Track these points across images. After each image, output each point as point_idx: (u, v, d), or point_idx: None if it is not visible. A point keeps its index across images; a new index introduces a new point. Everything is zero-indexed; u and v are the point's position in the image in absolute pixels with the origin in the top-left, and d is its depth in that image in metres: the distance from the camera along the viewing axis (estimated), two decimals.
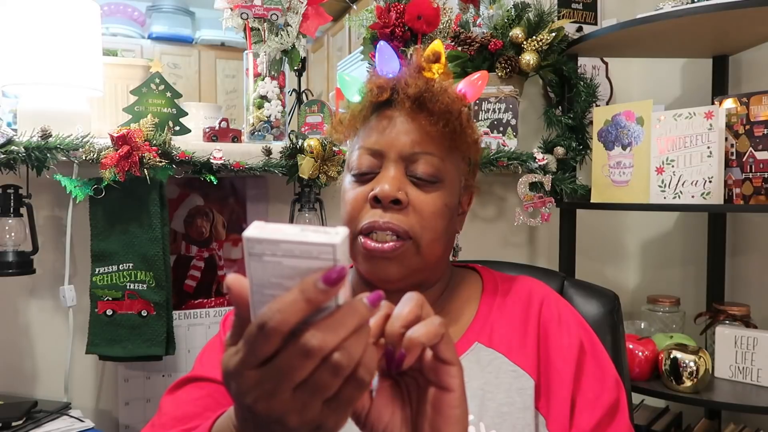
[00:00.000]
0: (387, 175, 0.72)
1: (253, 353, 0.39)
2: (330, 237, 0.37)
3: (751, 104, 1.29)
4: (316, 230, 0.38)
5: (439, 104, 0.72)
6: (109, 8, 3.64)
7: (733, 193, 1.32)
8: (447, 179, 0.74)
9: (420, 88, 0.73)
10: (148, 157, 1.14)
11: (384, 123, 0.75)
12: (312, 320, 0.38)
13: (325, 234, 0.37)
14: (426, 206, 0.72)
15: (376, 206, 0.72)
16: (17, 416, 1.09)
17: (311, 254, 0.37)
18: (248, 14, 1.32)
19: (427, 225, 0.72)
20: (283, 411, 0.40)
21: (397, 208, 0.71)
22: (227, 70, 4.09)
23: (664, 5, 1.40)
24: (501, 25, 1.56)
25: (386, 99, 0.75)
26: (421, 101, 0.73)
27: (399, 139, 0.73)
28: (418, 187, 0.73)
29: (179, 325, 1.34)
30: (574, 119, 1.61)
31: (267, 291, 0.39)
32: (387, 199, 0.70)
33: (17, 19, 1.15)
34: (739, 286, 1.70)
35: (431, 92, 0.73)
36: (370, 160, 0.74)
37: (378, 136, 0.74)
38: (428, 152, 0.73)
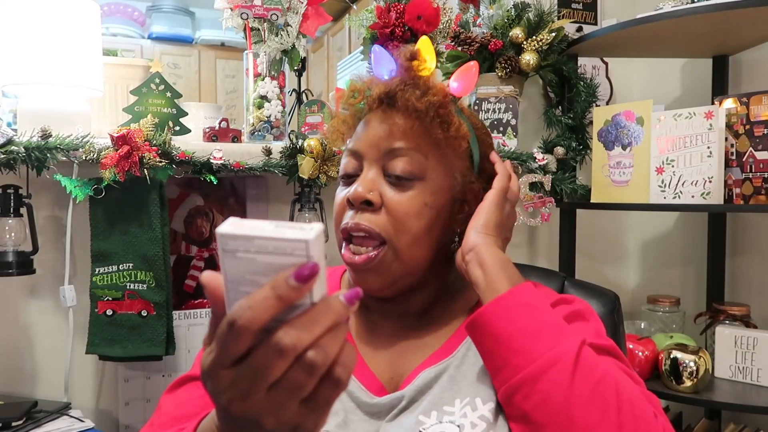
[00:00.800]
0: (363, 177, 0.73)
1: (226, 352, 0.38)
2: (304, 233, 0.36)
3: (751, 104, 1.29)
4: (291, 226, 0.37)
5: (411, 99, 0.72)
6: (109, 8, 3.64)
7: (733, 193, 1.32)
8: (430, 177, 0.73)
9: (389, 87, 0.73)
10: (148, 157, 1.14)
11: (363, 126, 0.76)
12: (286, 318, 0.38)
13: (300, 230, 0.37)
14: (400, 206, 0.71)
15: (351, 208, 0.72)
16: (17, 416, 1.09)
17: (285, 250, 0.37)
18: (248, 14, 1.32)
19: (402, 227, 0.71)
20: (259, 411, 0.39)
21: (370, 210, 0.71)
22: (227, 70, 4.08)
23: (664, 5, 1.40)
24: (501, 25, 1.56)
25: (359, 102, 0.76)
26: (392, 99, 0.73)
27: (375, 139, 0.74)
28: (395, 186, 0.72)
29: (179, 325, 1.34)
30: (574, 119, 1.61)
31: (242, 288, 0.38)
32: (357, 201, 0.71)
33: (17, 19, 1.15)
34: (739, 286, 1.70)
35: (402, 89, 0.72)
36: (353, 162, 0.75)
37: (357, 138, 0.76)
38: (404, 148, 0.72)
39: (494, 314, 0.65)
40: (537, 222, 1.54)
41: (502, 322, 0.64)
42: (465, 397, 0.67)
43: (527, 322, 0.63)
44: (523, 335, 0.62)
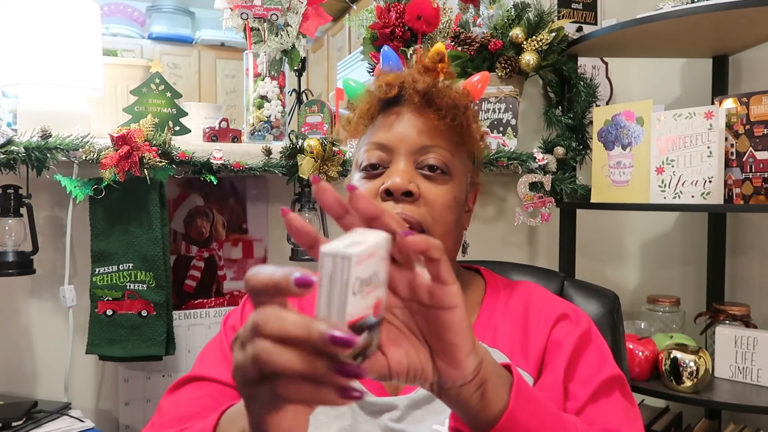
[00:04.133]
0: (397, 169, 0.73)
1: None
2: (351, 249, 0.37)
3: (751, 104, 1.29)
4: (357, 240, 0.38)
5: (446, 99, 0.74)
6: (109, 8, 3.64)
7: (733, 193, 1.32)
8: (456, 174, 0.75)
9: (428, 83, 0.75)
10: (148, 157, 1.14)
11: (392, 119, 0.76)
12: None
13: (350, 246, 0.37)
14: (437, 198, 0.73)
15: (388, 199, 0.72)
16: (17, 416, 1.09)
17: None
18: (248, 14, 1.32)
19: (438, 217, 0.73)
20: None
21: (409, 200, 0.71)
22: (227, 70, 4.09)
23: (664, 5, 1.40)
24: (501, 25, 1.56)
25: (394, 95, 0.76)
26: (429, 96, 0.74)
27: (408, 133, 0.74)
28: (429, 180, 0.74)
29: (179, 325, 1.34)
30: (574, 119, 1.61)
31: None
32: (399, 191, 0.71)
33: (17, 19, 1.15)
34: (739, 286, 1.70)
35: (438, 88, 0.75)
36: (380, 155, 0.75)
37: (386, 131, 0.75)
38: (437, 146, 0.74)
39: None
40: (537, 222, 1.54)
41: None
42: None
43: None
44: None
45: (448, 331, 0.45)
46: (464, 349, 0.46)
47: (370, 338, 0.40)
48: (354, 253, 0.36)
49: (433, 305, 0.44)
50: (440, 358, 0.46)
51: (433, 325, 0.45)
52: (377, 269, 0.39)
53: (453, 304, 0.44)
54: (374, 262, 0.38)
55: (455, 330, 0.45)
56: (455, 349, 0.45)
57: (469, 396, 0.49)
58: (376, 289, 0.39)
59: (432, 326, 0.45)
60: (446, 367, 0.46)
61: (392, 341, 0.45)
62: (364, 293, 0.37)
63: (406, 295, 0.46)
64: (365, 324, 0.38)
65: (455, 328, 0.45)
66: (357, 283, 0.36)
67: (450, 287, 0.44)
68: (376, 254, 0.38)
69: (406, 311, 0.46)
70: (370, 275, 0.38)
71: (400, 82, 0.76)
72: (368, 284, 0.38)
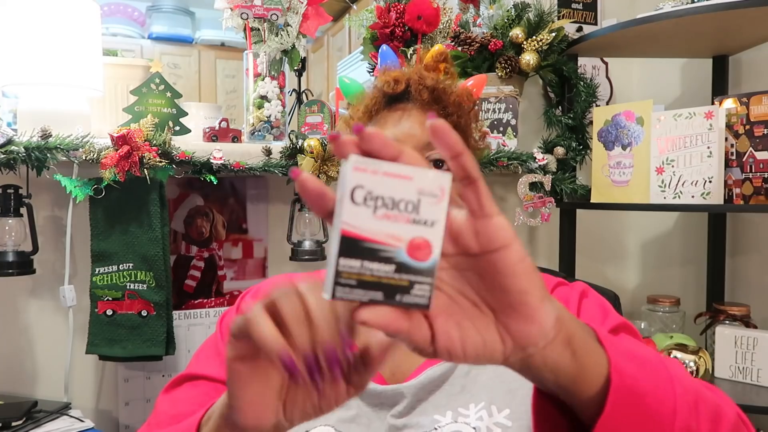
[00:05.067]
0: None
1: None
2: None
3: (751, 104, 1.29)
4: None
5: (453, 97, 0.74)
6: (109, 8, 3.64)
7: (733, 193, 1.32)
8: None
9: (436, 80, 0.75)
10: (148, 157, 1.14)
11: (398, 114, 0.75)
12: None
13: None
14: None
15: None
16: (17, 416, 1.09)
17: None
18: (248, 14, 1.32)
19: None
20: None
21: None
22: (227, 70, 4.09)
23: (664, 5, 1.40)
24: (501, 25, 1.56)
25: (401, 92, 0.75)
26: (437, 93, 0.74)
27: (416, 129, 0.73)
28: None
29: (179, 325, 1.34)
30: (574, 119, 1.61)
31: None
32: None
33: (17, 19, 1.15)
34: (739, 286, 1.70)
35: (444, 86, 0.75)
36: None
37: (393, 126, 0.75)
38: None
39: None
40: (537, 222, 1.54)
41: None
42: (480, 401, 0.67)
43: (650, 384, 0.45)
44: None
45: (507, 276, 0.37)
46: (534, 294, 0.37)
47: (405, 282, 0.35)
48: (355, 158, 0.34)
49: (482, 250, 0.37)
50: (508, 316, 0.38)
51: (488, 276, 0.37)
52: (413, 199, 0.35)
53: (505, 241, 0.37)
54: (406, 188, 0.34)
55: (516, 272, 0.37)
56: (523, 297, 0.37)
57: (558, 358, 0.40)
58: (413, 224, 0.35)
59: (487, 278, 0.37)
60: (519, 325, 0.37)
61: (440, 311, 0.38)
62: (384, 215, 0.34)
63: (450, 250, 0.38)
64: (385, 254, 0.35)
65: (515, 270, 0.37)
66: (362, 194, 0.34)
67: (496, 219, 0.37)
68: (411, 179, 0.34)
69: (454, 272, 0.39)
70: (397, 199, 0.34)
71: (407, 78, 0.76)
72: (393, 207, 0.34)
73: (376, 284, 0.35)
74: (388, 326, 0.36)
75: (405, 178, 0.34)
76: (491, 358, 0.38)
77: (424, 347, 0.37)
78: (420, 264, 0.35)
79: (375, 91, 0.78)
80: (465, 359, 0.38)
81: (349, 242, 0.34)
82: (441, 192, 0.35)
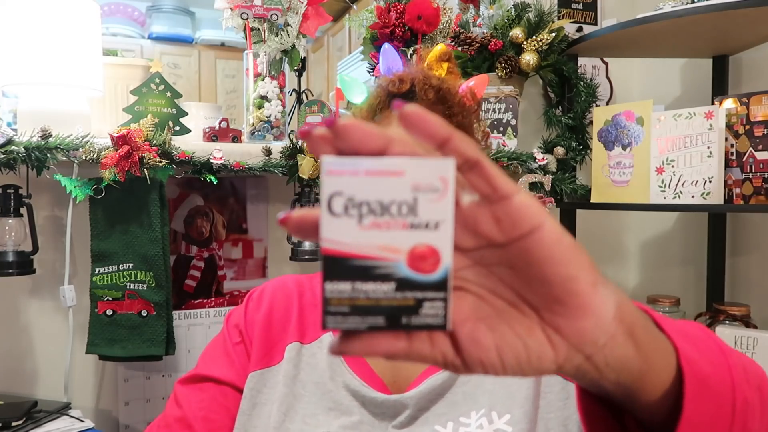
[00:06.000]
0: None
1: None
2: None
3: (751, 104, 1.29)
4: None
5: (458, 97, 0.74)
6: (109, 8, 3.64)
7: (733, 193, 1.32)
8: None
9: (441, 80, 0.74)
10: (148, 157, 1.14)
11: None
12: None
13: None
14: None
15: None
16: (17, 416, 1.09)
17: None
18: (248, 14, 1.32)
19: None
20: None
21: None
22: (227, 70, 4.09)
23: (664, 5, 1.40)
24: (501, 25, 1.56)
25: (406, 91, 0.75)
26: (443, 93, 0.74)
27: None
28: None
29: (179, 325, 1.34)
30: (574, 119, 1.61)
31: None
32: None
33: (17, 19, 1.15)
34: (739, 286, 1.70)
35: (449, 86, 0.75)
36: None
37: (397, 127, 0.73)
38: None
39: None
40: None
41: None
42: (480, 408, 0.66)
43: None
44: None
45: (546, 264, 0.30)
46: (584, 279, 0.30)
47: (411, 301, 0.29)
48: (327, 159, 0.28)
49: (508, 238, 0.30)
50: (555, 312, 0.31)
51: (521, 267, 0.30)
52: (408, 199, 0.28)
53: (534, 221, 0.29)
54: (397, 186, 0.28)
55: (555, 256, 0.30)
56: (570, 285, 0.30)
57: (623, 354, 0.33)
58: (411, 230, 0.29)
59: (521, 270, 0.31)
60: (570, 322, 0.30)
61: (466, 315, 0.31)
62: (372, 223, 0.28)
63: (469, 243, 0.31)
64: (381, 270, 0.29)
65: (553, 254, 0.30)
66: (341, 203, 0.28)
67: (517, 198, 0.30)
68: (402, 174, 0.28)
69: (480, 269, 0.32)
70: (387, 201, 0.28)
71: (412, 77, 0.75)
72: (383, 213, 0.28)
73: (374, 308, 0.29)
74: (373, 350, 0.29)
75: (394, 174, 0.28)
76: (539, 366, 0.31)
77: (447, 362, 0.31)
78: (427, 277, 0.29)
79: (379, 90, 0.77)
80: (505, 371, 0.31)
81: (333, 262, 0.28)
82: (443, 184, 0.28)
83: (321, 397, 0.70)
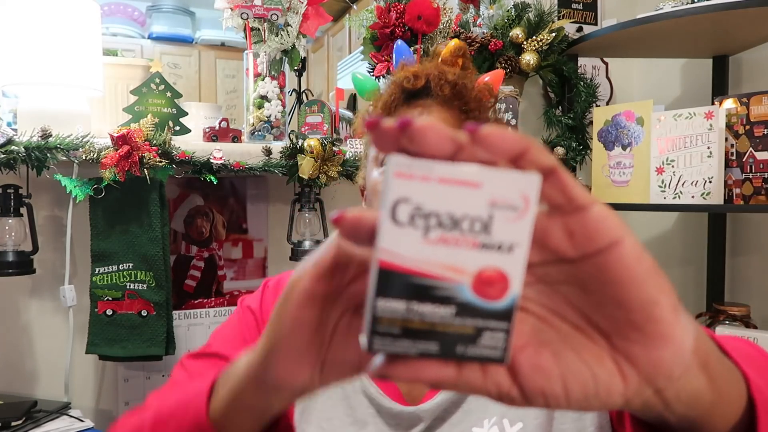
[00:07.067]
0: None
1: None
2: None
3: (751, 104, 1.29)
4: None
5: (474, 92, 0.72)
6: (109, 8, 3.65)
7: (733, 193, 1.32)
8: None
9: (457, 75, 0.73)
10: (148, 157, 1.14)
11: (417, 111, 0.73)
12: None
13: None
14: None
15: None
16: (17, 416, 1.09)
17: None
18: (248, 14, 1.32)
19: None
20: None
21: None
22: (227, 70, 4.09)
23: (664, 5, 1.40)
24: (501, 25, 1.56)
25: (421, 87, 0.73)
26: (458, 89, 0.72)
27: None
28: None
29: (179, 325, 1.34)
30: (574, 119, 1.61)
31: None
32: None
33: (17, 19, 1.15)
34: (739, 287, 1.70)
35: (464, 81, 0.73)
36: None
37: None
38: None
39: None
40: None
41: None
42: (492, 416, 0.65)
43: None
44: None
45: (624, 284, 0.26)
46: (665, 304, 0.27)
47: (470, 330, 0.26)
48: (397, 160, 0.25)
49: (581, 253, 0.27)
50: (630, 339, 0.27)
51: (594, 287, 0.27)
52: (482, 215, 0.25)
53: (613, 235, 0.26)
54: (472, 199, 0.25)
55: (635, 276, 0.26)
56: (650, 310, 0.26)
57: (696, 387, 0.30)
58: (482, 250, 0.25)
59: (594, 290, 0.27)
60: (647, 351, 0.27)
61: (527, 340, 0.28)
62: (440, 238, 0.25)
63: (534, 258, 0.27)
64: (441, 292, 0.26)
65: (633, 273, 0.26)
66: (408, 211, 0.25)
67: (595, 210, 0.26)
68: (479, 186, 0.25)
69: (543, 287, 0.29)
70: (459, 215, 0.25)
71: (426, 73, 0.73)
72: (453, 227, 0.25)
73: (428, 333, 0.26)
74: (419, 377, 0.26)
75: (471, 185, 0.25)
76: (607, 400, 0.28)
77: (501, 394, 0.27)
78: (491, 304, 0.26)
79: (393, 86, 0.75)
80: (569, 404, 0.27)
81: (389, 277, 0.25)
82: (524, 202, 0.25)
83: (338, 401, 0.68)
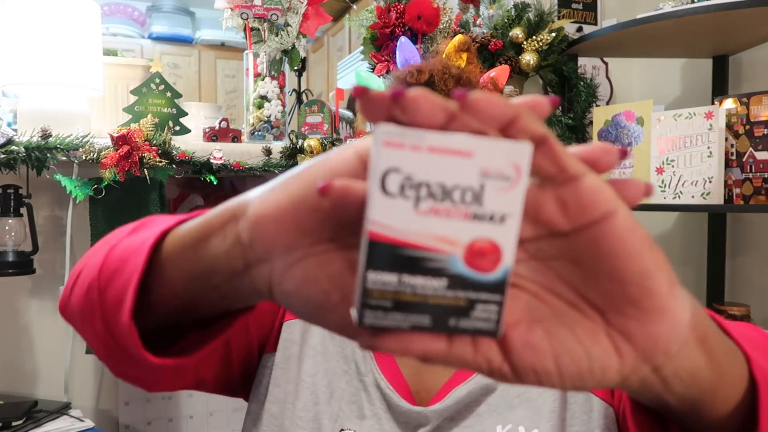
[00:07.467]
0: None
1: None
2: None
3: (751, 104, 1.29)
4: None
5: (479, 87, 0.72)
6: (109, 8, 3.65)
7: (733, 193, 1.32)
8: None
9: (461, 69, 0.73)
10: (148, 157, 1.14)
11: None
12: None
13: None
14: None
15: None
16: (17, 416, 1.09)
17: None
18: (248, 14, 1.32)
19: None
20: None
21: None
22: (227, 70, 4.09)
23: (664, 5, 1.40)
24: (501, 25, 1.56)
25: (425, 82, 0.73)
26: (463, 83, 0.72)
27: None
28: None
29: None
30: (574, 119, 1.61)
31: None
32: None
33: (17, 19, 1.15)
34: (739, 287, 1.70)
35: (468, 76, 0.73)
36: None
37: None
38: None
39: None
40: None
41: None
42: (507, 423, 0.63)
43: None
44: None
45: (619, 256, 0.26)
46: (661, 277, 0.26)
47: (462, 302, 0.25)
48: (386, 129, 0.24)
49: (575, 225, 0.26)
50: (625, 314, 0.26)
51: (588, 260, 0.26)
52: (474, 185, 0.24)
53: (607, 206, 0.25)
54: (463, 168, 0.24)
55: (630, 247, 0.25)
56: (646, 282, 0.26)
57: (694, 365, 0.29)
58: (473, 221, 0.25)
59: (588, 263, 0.26)
60: (643, 326, 0.26)
61: (520, 317, 0.27)
62: (430, 209, 0.24)
63: (527, 233, 0.27)
64: (433, 263, 0.25)
65: (628, 245, 0.25)
66: (398, 181, 0.24)
67: (588, 180, 0.25)
68: (470, 155, 0.24)
69: (536, 263, 0.28)
70: (450, 185, 0.24)
71: (430, 68, 0.73)
72: (444, 198, 0.24)
73: (420, 306, 0.25)
74: (408, 349, 0.25)
75: (462, 154, 0.24)
76: (602, 377, 0.27)
77: (492, 369, 0.27)
78: (483, 276, 0.25)
79: (397, 82, 0.75)
80: (562, 382, 0.27)
81: (380, 249, 0.25)
82: (516, 172, 0.24)
83: (352, 392, 0.66)
